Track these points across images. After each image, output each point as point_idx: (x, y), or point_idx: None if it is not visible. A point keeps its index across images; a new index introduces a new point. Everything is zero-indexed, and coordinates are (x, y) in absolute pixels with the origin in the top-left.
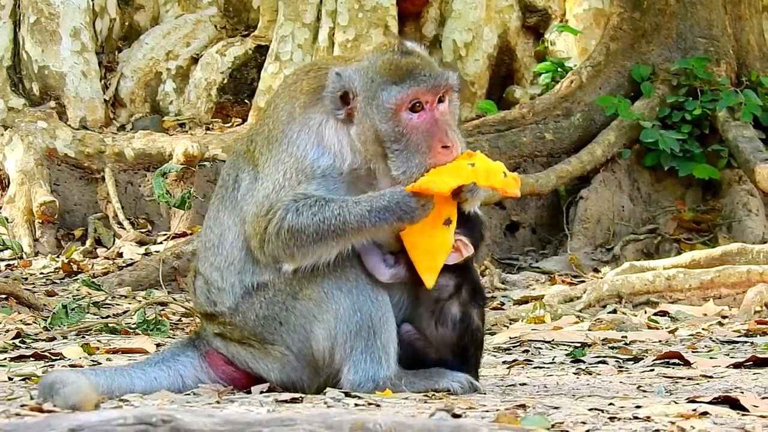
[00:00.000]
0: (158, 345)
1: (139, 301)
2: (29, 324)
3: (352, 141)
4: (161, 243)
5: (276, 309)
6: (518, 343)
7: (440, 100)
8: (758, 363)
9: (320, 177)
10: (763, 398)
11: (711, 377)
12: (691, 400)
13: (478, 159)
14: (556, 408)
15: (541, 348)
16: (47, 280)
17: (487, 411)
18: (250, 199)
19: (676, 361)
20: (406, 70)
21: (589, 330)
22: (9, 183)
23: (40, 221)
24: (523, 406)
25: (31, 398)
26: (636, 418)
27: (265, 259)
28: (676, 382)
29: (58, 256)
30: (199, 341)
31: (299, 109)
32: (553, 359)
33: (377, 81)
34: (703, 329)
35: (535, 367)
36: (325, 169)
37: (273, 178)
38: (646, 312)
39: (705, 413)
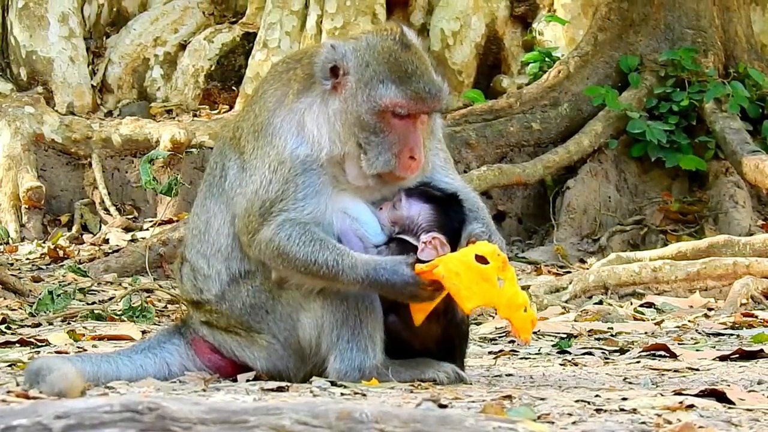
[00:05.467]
0: (144, 332)
1: (125, 288)
2: (15, 310)
3: (330, 124)
4: (148, 229)
5: (263, 297)
6: (504, 334)
7: (424, 113)
8: (745, 356)
9: (302, 172)
10: (750, 391)
11: (697, 370)
12: (678, 393)
13: (509, 277)
14: (542, 399)
15: None
16: (33, 265)
17: (473, 401)
18: (239, 191)
19: (663, 353)
20: (406, 71)
21: (575, 321)
22: None
23: (27, 207)
24: (509, 397)
25: (18, 384)
26: (622, 410)
27: (254, 257)
28: (663, 375)
29: (44, 242)
30: (186, 329)
31: (292, 96)
32: (539, 350)
33: (374, 68)
34: (689, 321)
35: (521, 358)
36: (305, 160)
37: (260, 171)
38: (632, 303)
39: (691, 406)
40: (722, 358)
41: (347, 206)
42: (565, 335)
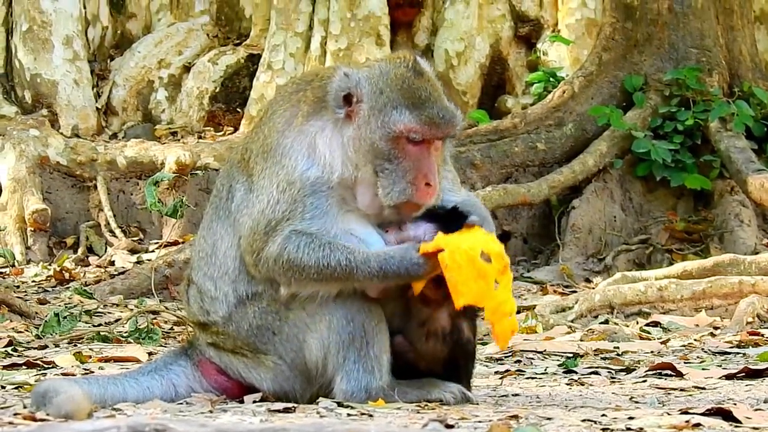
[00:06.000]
0: (150, 353)
1: (131, 310)
2: (21, 332)
3: (344, 149)
4: (153, 251)
5: (269, 319)
6: (510, 354)
7: (438, 138)
8: (751, 374)
9: (311, 194)
10: (756, 410)
11: (703, 388)
12: (684, 412)
13: (505, 282)
14: (548, 419)
15: (533, 358)
16: (39, 288)
17: (479, 421)
18: (245, 211)
19: (669, 372)
20: (419, 97)
21: (581, 340)
22: (1, 191)
23: (32, 229)
24: (515, 416)
25: (24, 407)
26: (629, 429)
27: (260, 276)
28: (669, 393)
29: (50, 264)
30: (192, 350)
31: (302, 118)
32: (545, 370)
33: (387, 95)
34: (695, 340)
35: (527, 378)
36: (314, 182)
37: (267, 191)
38: (638, 322)
39: (698, 425)
40: (728, 377)
41: (354, 228)
42: (571, 355)
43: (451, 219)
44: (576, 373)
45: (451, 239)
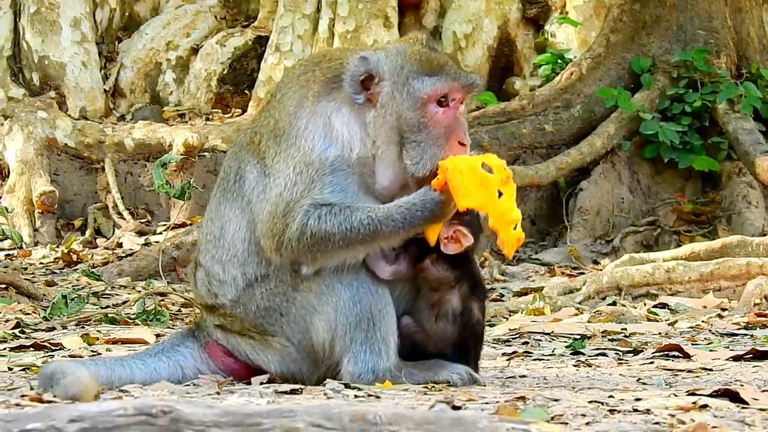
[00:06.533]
0: (158, 335)
1: (139, 292)
2: (29, 314)
3: (363, 128)
4: (161, 233)
5: (277, 300)
6: (518, 335)
7: (461, 100)
8: (758, 356)
9: (330, 172)
10: (763, 391)
11: (711, 370)
12: (691, 393)
13: (508, 192)
14: (555, 400)
15: (540, 340)
16: (47, 269)
17: (486, 403)
18: (262, 197)
19: (676, 353)
20: (438, 64)
21: (589, 322)
22: (9, 173)
23: (40, 211)
24: (522, 398)
25: (31, 388)
26: (636, 410)
27: (281, 261)
28: (676, 375)
29: (57, 246)
30: (199, 332)
31: (312, 98)
32: (552, 351)
33: (408, 69)
34: (702, 322)
35: (534, 359)
36: (334, 161)
37: (284, 174)
38: (645, 304)
39: (705, 406)
40: (736, 358)
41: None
42: (578, 336)
43: None
44: (583, 354)
45: (452, 157)
